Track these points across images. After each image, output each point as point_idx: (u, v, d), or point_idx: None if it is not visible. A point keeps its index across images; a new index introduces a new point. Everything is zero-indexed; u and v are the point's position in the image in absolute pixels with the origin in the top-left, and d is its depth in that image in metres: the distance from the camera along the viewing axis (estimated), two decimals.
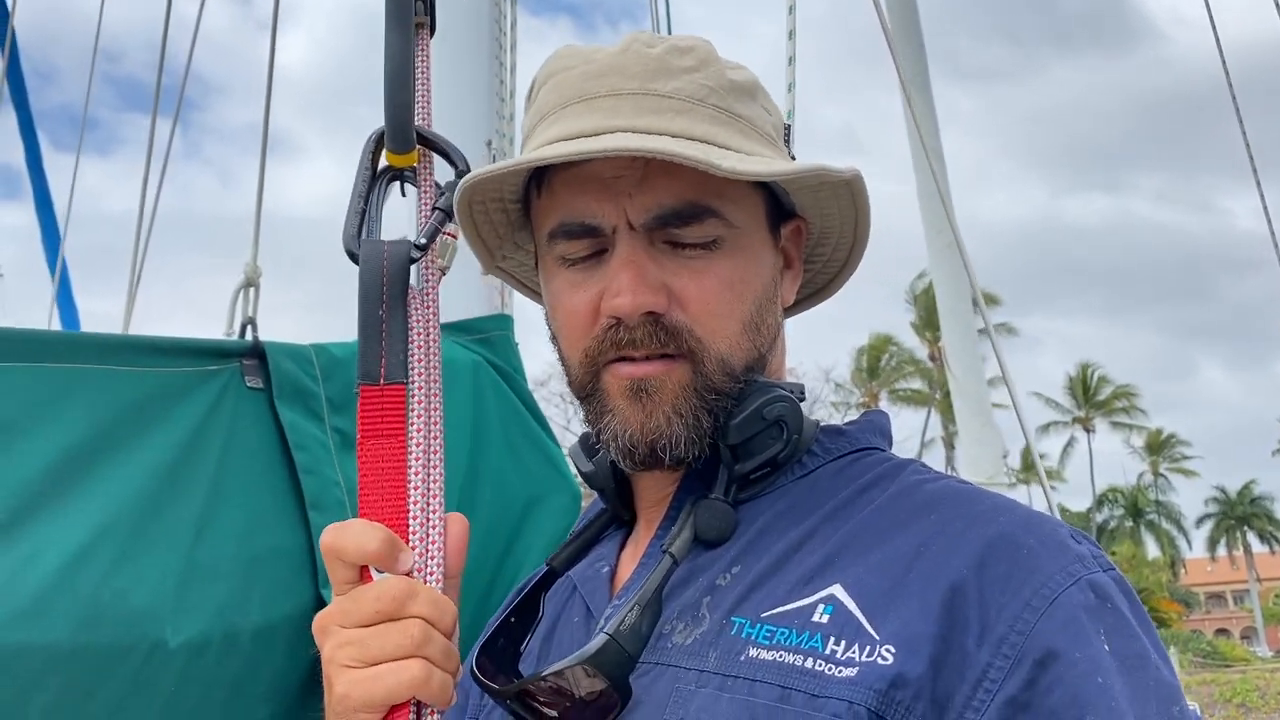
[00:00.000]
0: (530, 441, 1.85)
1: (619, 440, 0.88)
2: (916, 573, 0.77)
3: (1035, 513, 0.83)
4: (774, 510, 0.89)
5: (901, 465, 0.92)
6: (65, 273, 4.85)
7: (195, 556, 1.34)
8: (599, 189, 0.87)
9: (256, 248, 1.80)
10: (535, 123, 0.93)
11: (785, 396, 0.90)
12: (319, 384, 1.61)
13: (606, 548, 1.00)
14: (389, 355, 0.79)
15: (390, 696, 0.71)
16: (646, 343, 0.86)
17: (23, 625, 1.17)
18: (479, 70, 2.26)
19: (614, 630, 0.78)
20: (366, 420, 0.78)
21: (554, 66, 0.94)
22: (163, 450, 1.39)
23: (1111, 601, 0.76)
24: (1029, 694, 0.70)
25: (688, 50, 0.90)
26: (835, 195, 0.95)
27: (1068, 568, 0.76)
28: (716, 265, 0.88)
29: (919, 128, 2.74)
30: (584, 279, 0.89)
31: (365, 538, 0.73)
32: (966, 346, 6.07)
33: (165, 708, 1.26)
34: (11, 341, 1.34)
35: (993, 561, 0.76)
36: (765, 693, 0.75)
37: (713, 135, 0.87)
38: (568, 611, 0.97)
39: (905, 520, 0.83)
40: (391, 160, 0.88)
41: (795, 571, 0.82)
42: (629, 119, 0.86)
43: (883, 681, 0.72)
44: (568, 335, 0.92)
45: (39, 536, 1.23)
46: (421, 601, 0.73)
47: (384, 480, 0.77)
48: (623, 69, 0.88)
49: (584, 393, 0.92)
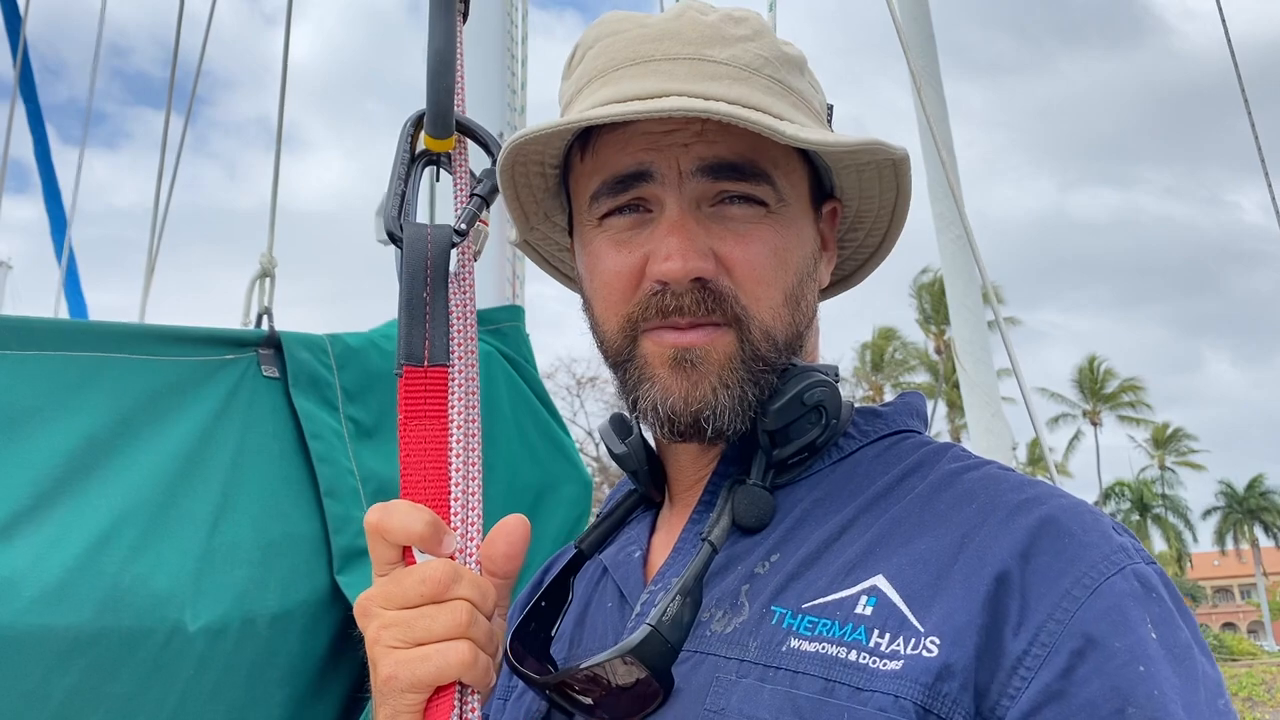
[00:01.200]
0: (541, 431, 1.86)
1: (660, 409, 0.86)
2: (961, 563, 0.76)
3: (1078, 501, 0.81)
4: (812, 497, 0.88)
5: (940, 450, 0.90)
6: (73, 265, 4.87)
7: (213, 542, 1.36)
8: (649, 143, 0.86)
9: (272, 238, 1.82)
10: (581, 85, 0.91)
11: (825, 380, 0.88)
12: (333, 373, 1.62)
13: (636, 530, 0.99)
14: (433, 338, 0.79)
15: (439, 677, 0.71)
16: (694, 309, 0.84)
17: (48, 608, 1.19)
18: (491, 62, 2.26)
19: (656, 621, 0.77)
20: (411, 401, 0.78)
21: (602, 30, 0.92)
22: (182, 438, 1.40)
23: (1156, 592, 0.74)
24: (1064, 683, 0.69)
25: (741, 20, 0.89)
26: (879, 176, 0.94)
27: (1111, 557, 0.75)
28: (764, 233, 0.87)
29: (930, 121, 2.74)
30: (629, 239, 0.88)
31: (411, 519, 0.74)
32: (976, 339, 6.05)
33: (184, 690, 1.28)
34: (35, 331, 1.36)
35: (1036, 551, 0.75)
36: (809, 685, 0.74)
37: (767, 105, 0.86)
38: (599, 596, 0.95)
39: (947, 510, 0.81)
40: (430, 145, 0.87)
41: (836, 561, 0.81)
42: (684, 83, 0.84)
43: (929, 675, 0.71)
44: (606, 298, 0.90)
45: (62, 522, 1.25)
46: (466, 584, 0.73)
47: (426, 462, 0.78)
48: (678, 34, 0.87)
49: (620, 358, 0.89)
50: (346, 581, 1.45)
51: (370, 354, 1.67)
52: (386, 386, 1.66)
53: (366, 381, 1.65)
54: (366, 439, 1.61)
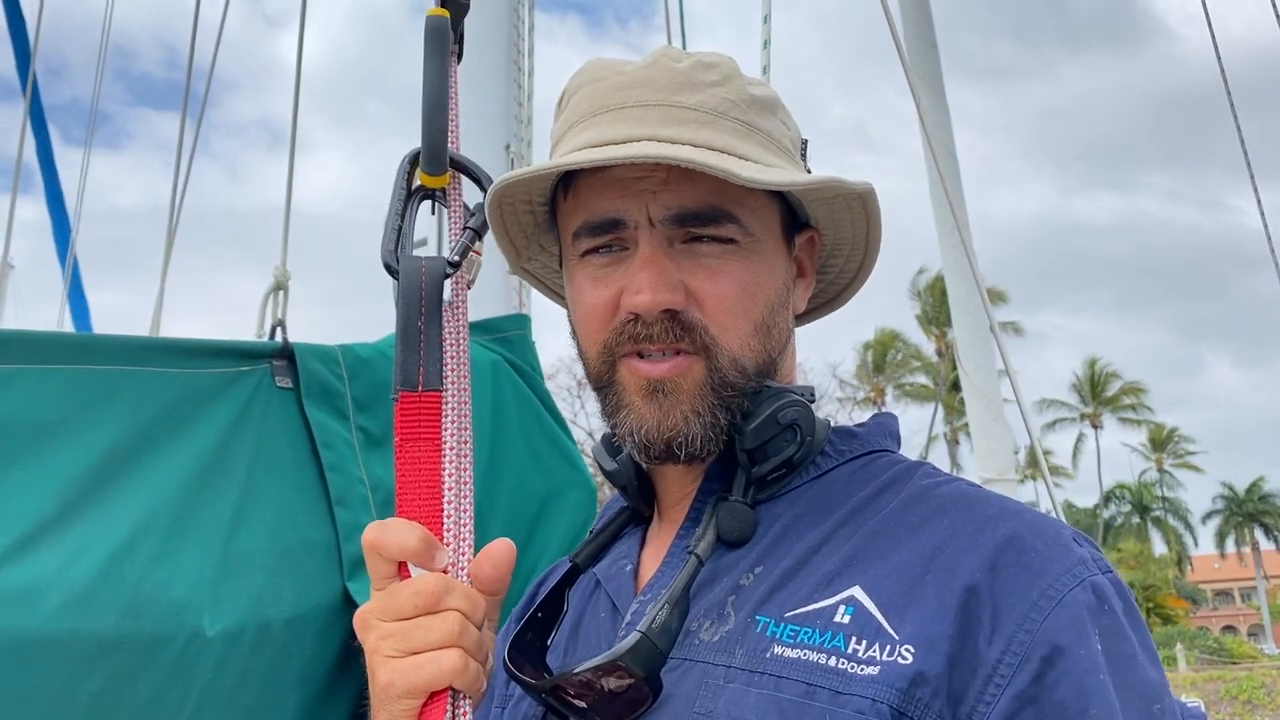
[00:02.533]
0: (547, 438, 1.89)
1: (635, 436, 0.92)
2: (932, 575, 0.81)
3: (1040, 515, 0.87)
4: (792, 512, 0.93)
5: (912, 468, 0.96)
6: (76, 266, 4.90)
7: (230, 550, 1.39)
8: (623, 190, 0.92)
9: (285, 251, 1.85)
10: (565, 129, 0.98)
11: (797, 401, 0.94)
12: (345, 384, 1.66)
13: (627, 545, 1.04)
14: (427, 364, 0.83)
15: (432, 683, 0.76)
16: (663, 338, 0.90)
17: (73, 614, 1.22)
18: (498, 76, 2.30)
19: (646, 628, 0.82)
20: (406, 425, 0.82)
21: (585, 77, 0.99)
22: (199, 448, 1.44)
23: (1108, 603, 0.80)
24: (1036, 688, 0.74)
25: (712, 66, 0.95)
26: (848, 208, 0.99)
27: (1072, 569, 0.80)
28: (732, 267, 0.92)
29: (925, 125, 2.76)
30: (605, 275, 0.94)
31: (406, 536, 0.78)
32: (979, 343, 6.07)
33: (202, 695, 1.31)
34: (56, 345, 1.39)
35: (1003, 564, 0.80)
36: (791, 689, 0.78)
37: (733, 146, 0.92)
38: (593, 607, 1.00)
39: (919, 524, 0.86)
40: (425, 181, 0.92)
41: (816, 573, 0.85)
42: (654, 128, 0.91)
43: (904, 680, 0.76)
44: (586, 328, 0.96)
45: (86, 531, 1.29)
46: (457, 596, 0.77)
47: (420, 481, 0.82)
48: (650, 82, 0.94)
49: (600, 384, 0.96)
50: (356, 588, 1.48)
51: (380, 364, 1.71)
52: None
53: (376, 392, 1.68)
54: (376, 448, 1.65)
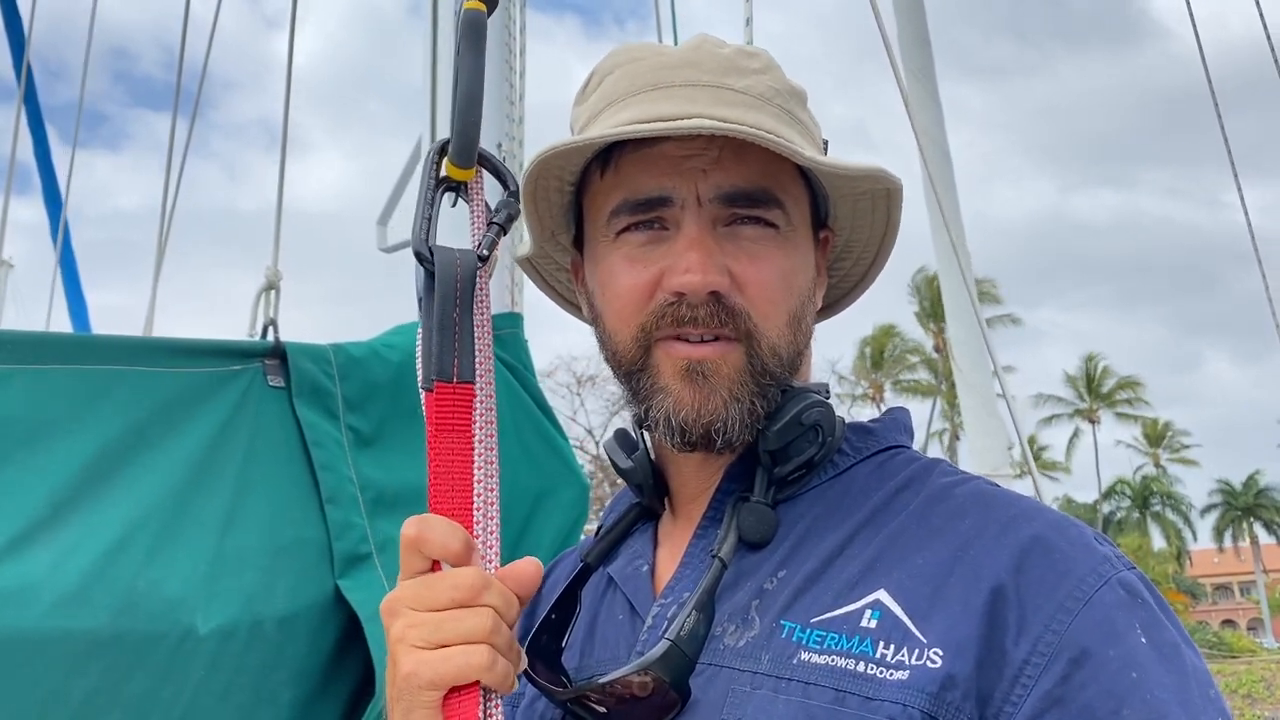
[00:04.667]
0: (540, 436, 1.90)
1: (673, 420, 0.90)
2: (957, 577, 0.80)
3: (1063, 516, 0.86)
4: (813, 513, 0.92)
5: (930, 466, 0.95)
6: (73, 265, 4.90)
7: (223, 548, 1.41)
8: (670, 166, 0.90)
9: (277, 251, 1.86)
10: (600, 108, 0.96)
11: (820, 401, 0.93)
12: (336, 383, 1.67)
13: (639, 543, 1.03)
14: (461, 356, 0.82)
15: (459, 676, 0.74)
16: (708, 321, 0.88)
17: (66, 612, 1.24)
18: (490, 76, 2.29)
19: (676, 636, 0.81)
20: (441, 416, 0.81)
21: (621, 58, 0.97)
22: (191, 447, 1.46)
23: (1141, 597, 0.79)
24: (1063, 689, 0.73)
25: (754, 55, 0.96)
26: (872, 207, 0.98)
27: (1097, 569, 0.79)
28: (773, 254, 0.91)
29: (914, 123, 2.77)
30: (644, 255, 0.91)
31: (450, 537, 0.77)
32: (972, 339, 6.08)
33: (196, 691, 1.33)
34: (50, 345, 1.41)
35: (1029, 566, 0.79)
36: (820, 695, 0.77)
37: (780, 131, 0.90)
38: (608, 608, 0.99)
39: (941, 525, 0.85)
40: (451, 173, 0.90)
41: (840, 576, 0.84)
42: (706, 107, 0.89)
43: (934, 684, 0.75)
44: (619, 311, 0.93)
45: (79, 530, 1.30)
46: (494, 594, 0.76)
47: (454, 475, 0.81)
48: (698, 64, 0.93)
49: (633, 368, 0.93)
50: (347, 585, 1.49)
51: (372, 364, 1.72)
52: (386, 396, 1.71)
53: (367, 391, 1.69)
54: (365, 447, 1.66)
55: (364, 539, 1.57)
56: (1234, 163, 3.40)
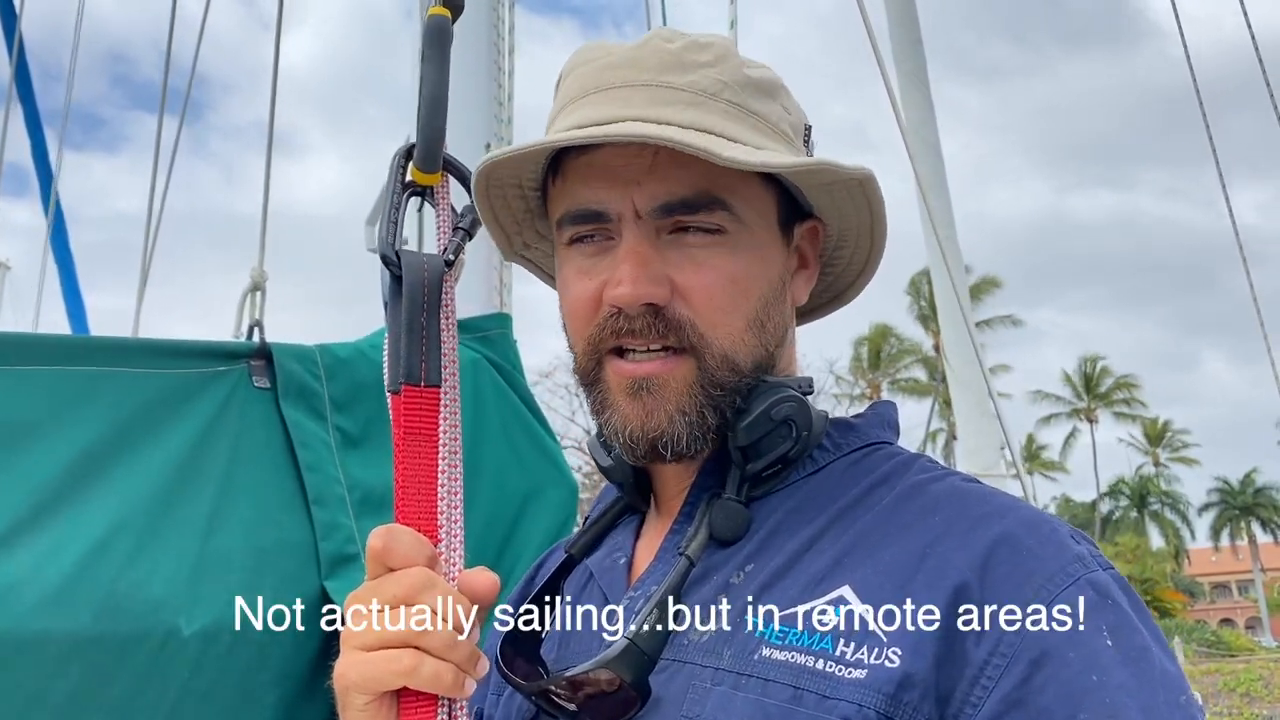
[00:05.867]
0: (528, 437, 1.90)
1: (620, 436, 0.90)
2: (922, 574, 0.78)
3: (1037, 513, 0.84)
4: (785, 508, 0.90)
5: (908, 462, 0.93)
6: (71, 268, 4.90)
7: (207, 549, 1.40)
8: (608, 177, 0.88)
9: (262, 253, 1.86)
10: (557, 112, 0.95)
11: (793, 396, 0.91)
12: (322, 384, 1.66)
13: (621, 536, 1.02)
14: (429, 359, 0.83)
15: (378, 683, 0.75)
16: (645, 333, 0.87)
17: (47, 614, 1.24)
18: (477, 75, 2.30)
19: (634, 634, 0.81)
20: (410, 420, 0.81)
21: (577, 60, 0.96)
22: (176, 448, 1.45)
23: (1112, 598, 0.77)
24: (1022, 691, 0.72)
25: (705, 46, 0.92)
26: (849, 196, 0.95)
27: (1067, 568, 0.77)
28: (721, 259, 0.88)
29: (901, 121, 2.77)
30: (591, 266, 0.91)
31: (414, 552, 0.77)
32: (965, 339, 6.09)
33: (179, 694, 1.32)
34: (33, 346, 1.41)
35: (995, 563, 0.77)
36: (778, 693, 0.77)
37: (723, 128, 0.88)
38: (585, 599, 0.99)
39: (911, 521, 0.84)
40: (416, 178, 0.90)
41: (806, 572, 0.83)
42: (640, 109, 0.87)
43: (890, 684, 0.74)
44: (573, 322, 0.94)
45: (61, 530, 1.30)
46: (437, 594, 0.76)
47: (419, 481, 0.81)
48: (639, 62, 0.90)
49: (587, 380, 0.94)
50: (334, 587, 1.49)
51: (358, 364, 1.71)
52: (373, 397, 1.70)
53: (354, 392, 1.69)
54: (353, 448, 1.65)
55: (351, 539, 1.57)
56: (1219, 163, 3.41)
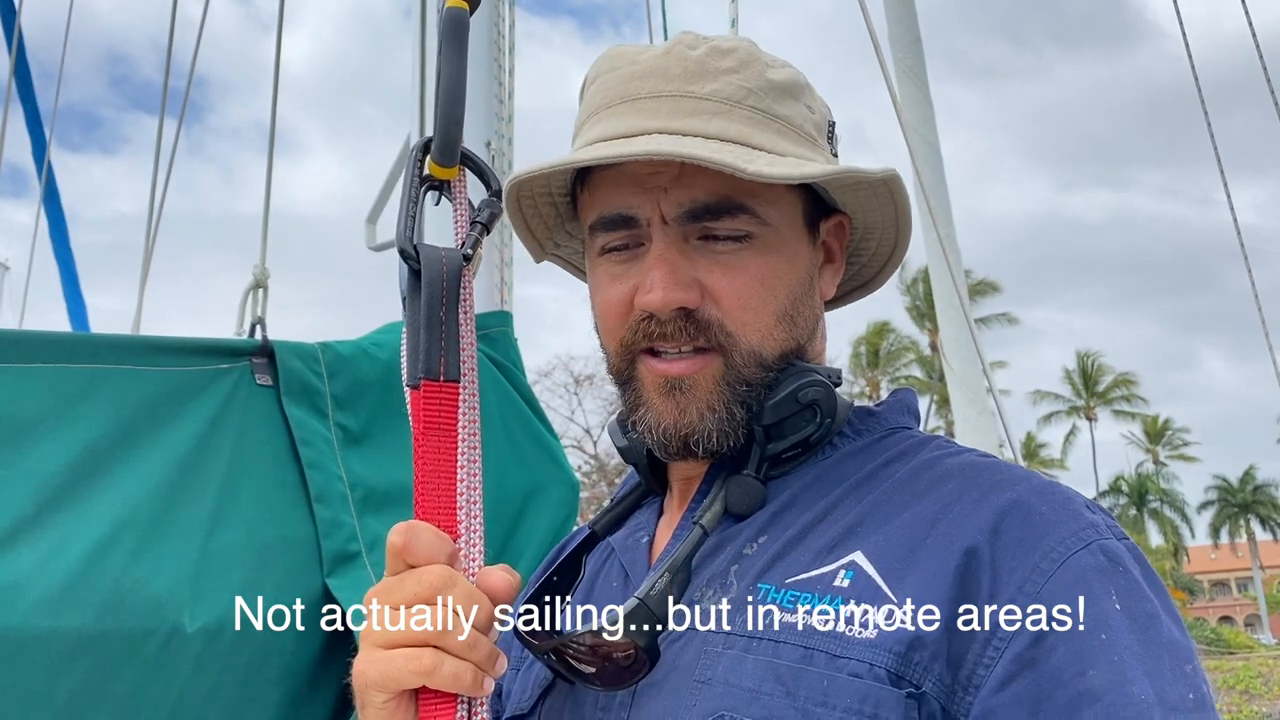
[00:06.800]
0: (529, 435, 1.90)
1: (653, 433, 0.93)
2: (933, 538, 0.80)
3: (1051, 482, 0.85)
4: (800, 483, 0.93)
5: (925, 441, 0.95)
6: (72, 268, 4.90)
7: (210, 546, 1.41)
8: (635, 185, 0.91)
9: (264, 250, 1.86)
10: (583, 120, 0.98)
11: (820, 381, 0.93)
12: (324, 381, 1.67)
13: (645, 515, 1.05)
14: (448, 354, 0.82)
15: (397, 682, 0.75)
16: (677, 336, 0.90)
17: (51, 611, 1.24)
18: (478, 73, 2.30)
19: (644, 594, 0.82)
20: (429, 415, 0.81)
21: (602, 67, 0.98)
22: (178, 446, 1.46)
23: (1123, 565, 0.78)
24: (1034, 651, 0.73)
25: (729, 52, 0.93)
26: (874, 194, 0.98)
27: (1079, 533, 0.79)
28: (749, 261, 0.91)
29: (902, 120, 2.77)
30: (622, 272, 0.93)
31: (435, 550, 0.77)
32: (962, 337, 6.09)
33: (183, 690, 1.33)
34: (36, 344, 1.41)
35: (1006, 528, 0.79)
36: (788, 654, 0.78)
37: (747, 136, 0.90)
38: (606, 575, 1.01)
39: (924, 490, 0.86)
40: (434, 172, 0.91)
41: (819, 540, 0.85)
42: (665, 120, 0.90)
43: (901, 644, 0.76)
44: (605, 325, 0.96)
45: (64, 528, 1.30)
46: (459, 592, 0.76)
47: (439, 477, 0.81)
48: (664, 71, 0.92)
49: (621, 379, 0.96)
50: (336, 584, 1.50)
51: (360, 362, 1.72)
52: (375, 394, 1.71)
53: (356, 389, 1.69)
54: (355, 445, 1.66)
55: (353, 537, 1.57)
56: (1220, 160, 3.41)
